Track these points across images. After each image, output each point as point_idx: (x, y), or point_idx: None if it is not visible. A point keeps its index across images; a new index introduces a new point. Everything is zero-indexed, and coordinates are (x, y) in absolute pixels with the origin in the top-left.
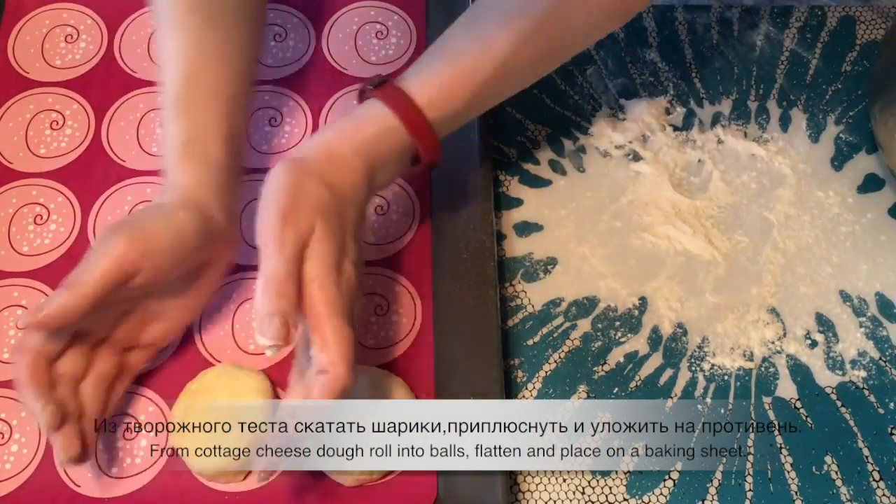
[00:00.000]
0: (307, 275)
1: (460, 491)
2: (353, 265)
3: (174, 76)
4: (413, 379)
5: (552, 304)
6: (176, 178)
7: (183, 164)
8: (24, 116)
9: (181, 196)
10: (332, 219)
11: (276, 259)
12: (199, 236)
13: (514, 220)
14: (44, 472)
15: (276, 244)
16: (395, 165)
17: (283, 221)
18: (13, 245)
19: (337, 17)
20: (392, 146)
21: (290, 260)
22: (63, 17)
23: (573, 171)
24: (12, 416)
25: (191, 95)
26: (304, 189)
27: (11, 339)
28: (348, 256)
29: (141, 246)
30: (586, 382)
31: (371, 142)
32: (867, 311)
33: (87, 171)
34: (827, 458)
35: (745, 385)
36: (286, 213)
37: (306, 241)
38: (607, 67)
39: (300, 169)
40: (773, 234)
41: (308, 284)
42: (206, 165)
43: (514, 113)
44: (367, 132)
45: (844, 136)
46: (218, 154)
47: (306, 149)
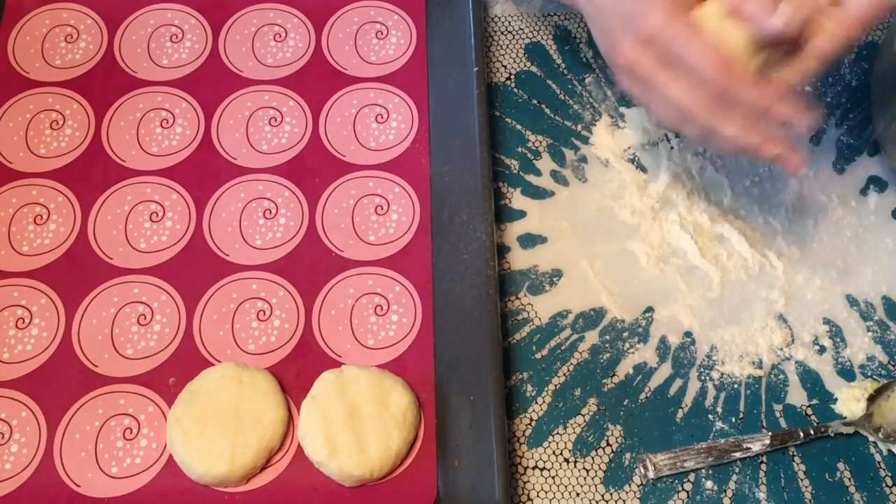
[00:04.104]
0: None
1: (460, 491)
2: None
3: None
4: (413, 379)
5: (559, 317)
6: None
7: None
8: (24, 116)
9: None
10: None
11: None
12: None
13: (517, 232)
14: (44, 472)
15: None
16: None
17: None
18: (13, 245)
19: (337, 17)
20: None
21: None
22: (63, 17)
23: (575, 182)
24: (12, 417)
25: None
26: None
27: (11, 338)
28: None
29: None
30: (596, 395)
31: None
32: (874, 315)
33: (87, 171)
34: (840, 464)
35: (756, 393)
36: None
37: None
38: (606, 75)
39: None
40: (778, 239)
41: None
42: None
43: (514, 124)
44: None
45: (846, 139)
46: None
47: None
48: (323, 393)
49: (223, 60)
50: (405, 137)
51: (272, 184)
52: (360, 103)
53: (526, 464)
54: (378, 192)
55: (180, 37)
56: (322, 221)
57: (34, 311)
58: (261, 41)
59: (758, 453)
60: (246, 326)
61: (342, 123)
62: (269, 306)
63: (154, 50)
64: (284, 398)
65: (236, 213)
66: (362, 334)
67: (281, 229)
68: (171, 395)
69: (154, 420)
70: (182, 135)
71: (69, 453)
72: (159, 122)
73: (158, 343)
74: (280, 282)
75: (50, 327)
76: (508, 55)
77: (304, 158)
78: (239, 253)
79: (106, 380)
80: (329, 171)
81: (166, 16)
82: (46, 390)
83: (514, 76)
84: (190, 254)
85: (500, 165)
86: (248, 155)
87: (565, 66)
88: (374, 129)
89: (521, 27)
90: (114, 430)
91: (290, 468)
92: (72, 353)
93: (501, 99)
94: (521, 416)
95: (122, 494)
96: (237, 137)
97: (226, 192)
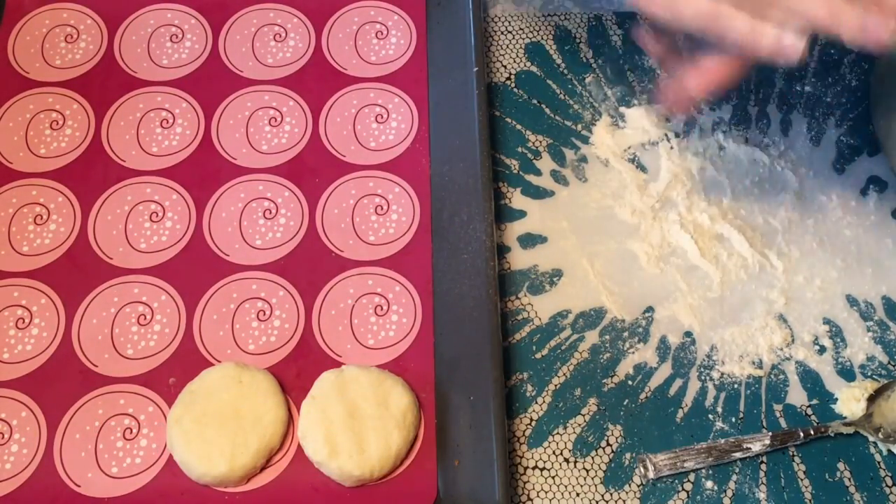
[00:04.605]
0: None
1: (460, 491)
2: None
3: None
4: (413, 379)
5: (559, 317)
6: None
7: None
8: (24, 116)
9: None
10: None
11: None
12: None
13: (517, 232)
14: (44, 472)
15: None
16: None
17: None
18: (13, 245)
19: (337, 17)
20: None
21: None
22: (63, 17)
23: (575, 181)
24: (12, 417)
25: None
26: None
27: (11, 338)
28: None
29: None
30: (596, 395)
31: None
32: (874, 315)
33: (87, 171)
34: (840, 464)
35: (756, 393)
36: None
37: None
38: (606, 75)
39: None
40: (778, 239)
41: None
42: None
43: (514, 124)
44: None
45: (846, 139)
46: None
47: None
48: (323, 393)
49: (223, 60)
50: (405, 137)
51: (272, 184)
52: (360, 103)
53: (526, 464)
54: (378, 192)
55: (180, 37)
56: (322, 221)
57: (34, 311)
58: (261, 41)
59: (758, 453)
60: (246, 326)
61: (342, 123)
62: (269, 306)
63: (154, 50)
64: (284, 398)
65: (236, 213)
66: (362, 334)
67: (281, 229)
68: (171, 395)
69: (154, 420)
70: (182, 135)
71: (69, 453)
72: (159, 122)
73: (158, 343)
74: (280, 282)
75: (50, 327)
76: (508, 55)
77: (304, 158)
78: (239, 253)
79: (106, 380)
80: (329, 171)
81: (166, 16)
82: (46, 390)
83: (514, 76)
84: (190, 254)
85: (500, 165)
86: (248, 155)
87: (565, 66)
88: (374, 129)
89: (521, 27)
90: (114, 430)
91: (290, 468)
92: (72, 353)
93: (501, 99)
94: (521, 416)
95: (122, 494)
96: (237, 137)
97: (226, 192)
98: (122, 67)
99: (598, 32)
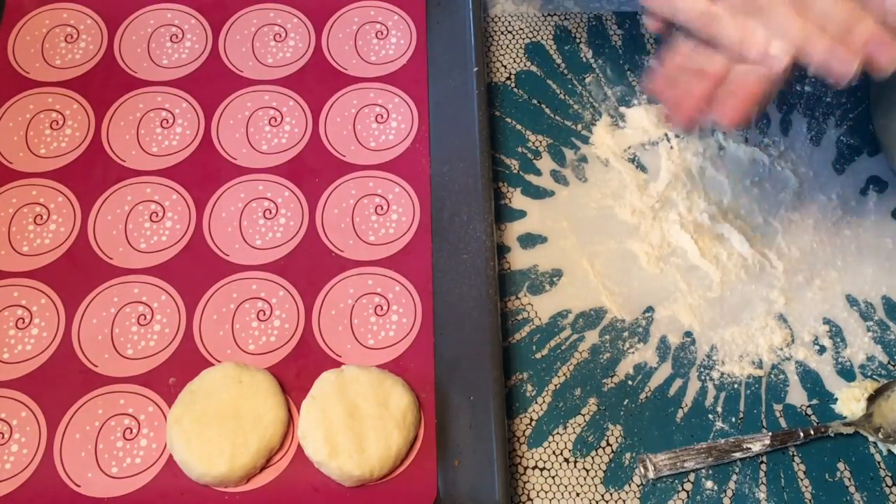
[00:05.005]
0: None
1: (460, 491)
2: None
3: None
4: (413, 379)
5: (559, 317)
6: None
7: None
8: (24, 116)
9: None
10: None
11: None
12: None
13: (517, 232)
14: (44, 472)
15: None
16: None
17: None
18: (13, 245)
19: (337, 17)
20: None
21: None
22: (63, 17)
23: (575, 181)
24: (12, 417)
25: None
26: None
27: (11, 338)
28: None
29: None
30: (596, 395)
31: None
32: (874, 315)
33: (87, 171)
34: (840, 464)
35: (756, 393)
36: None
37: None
38: (606, 75)
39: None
40: (778, 239)
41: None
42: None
43: (514, 124)
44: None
45: (845, 139)
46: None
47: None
48: (323, 393)
49: (223, 60)
50: (405, 137)
51: (272, 184)
52: (360, 103)
53: (526, 464)
54: (378, 192)
55: (180, 37)
56: (322, 221)
57: (34, 311)
58: (261, 41)
59: (758, 453)
60: (246, 326)
61: (342, 123)
62: (269, 306)
63: (154, 50)
64: (284, 398)
65: (236, 213)
66: (362, 334)
67: (281, 229)
68: (171, 395)
69: (154, 420)
70: (182, 135)
71: (69, 453)
72: (159, 122)
73: (158, 343)
74: (280, 282)
75: (50, 327)
76: (508, 55)
77: (304, 158)
78: (239, 253)
79: (106, 380)
80: (329, 171)
81: (166, 16)
82: (46, 390)
83: (514, 76)
84: (190, 254)
85: (500, 165)
86: (248, 155)
87: (565, 66)
88: (374, 129)
89: (521, 27)
90: (114, 430)
91: (290, 468)
92: (72, 353)
93: (501, 99)
94: (521, 416)
95: (122, 494)
96: (237, 137)
97: (226, 192)
98: (122, 67)
99: (598, 32)
